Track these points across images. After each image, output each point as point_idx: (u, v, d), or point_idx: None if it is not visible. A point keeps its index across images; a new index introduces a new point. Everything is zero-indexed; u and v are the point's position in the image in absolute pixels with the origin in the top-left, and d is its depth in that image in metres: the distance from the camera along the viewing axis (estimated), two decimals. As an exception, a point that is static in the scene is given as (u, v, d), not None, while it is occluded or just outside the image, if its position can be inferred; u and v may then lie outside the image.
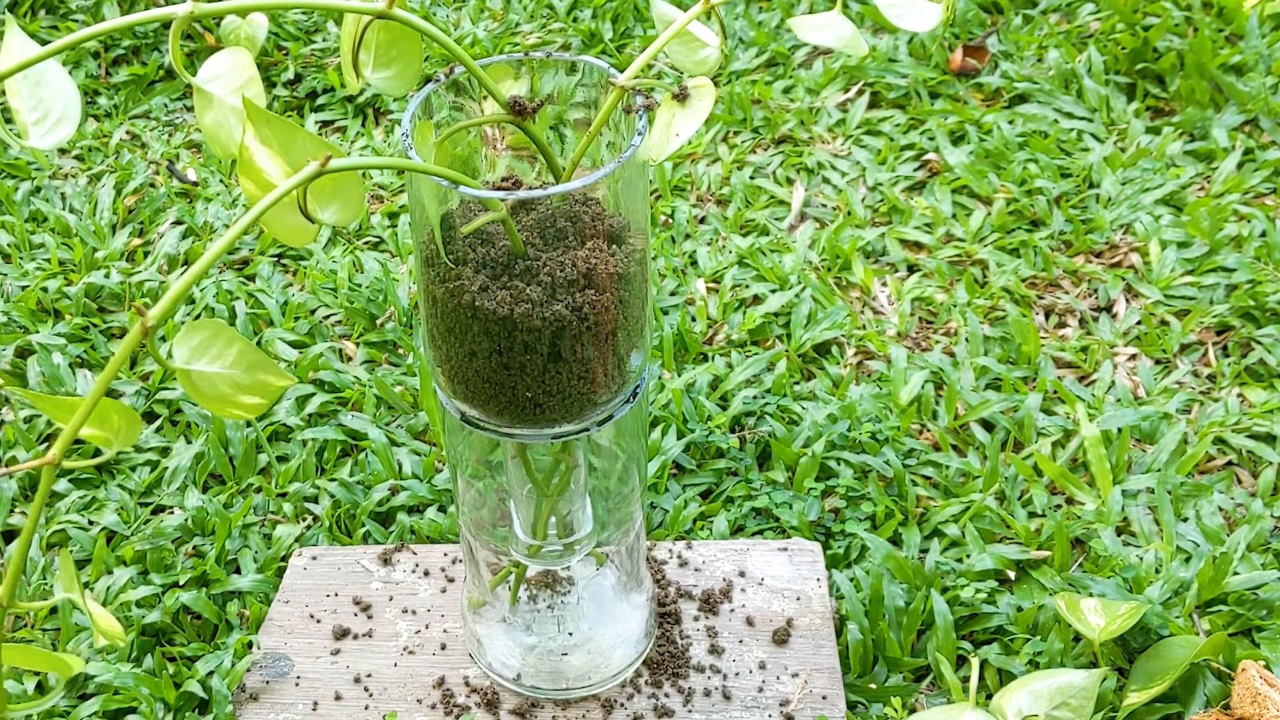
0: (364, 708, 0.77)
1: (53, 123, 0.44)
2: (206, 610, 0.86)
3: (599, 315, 0.55)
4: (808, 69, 1.46)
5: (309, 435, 0.99)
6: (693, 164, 1.33)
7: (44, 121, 0.44)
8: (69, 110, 0.44)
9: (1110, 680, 0.79)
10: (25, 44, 0.43)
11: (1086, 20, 1.49)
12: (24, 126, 0.44)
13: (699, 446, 0.98)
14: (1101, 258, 1.17)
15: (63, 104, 0.44)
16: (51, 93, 0.44)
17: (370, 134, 1.39)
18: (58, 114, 0.44)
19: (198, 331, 0.43)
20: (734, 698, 0.77)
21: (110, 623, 0.44)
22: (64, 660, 0.44)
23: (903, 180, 1.28)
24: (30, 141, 0.43)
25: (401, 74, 0.51)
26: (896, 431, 0.97)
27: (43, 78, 0.44)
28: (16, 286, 1.18)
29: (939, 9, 0.51)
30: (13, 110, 0.44)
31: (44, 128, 0.44)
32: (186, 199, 1.30)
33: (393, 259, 1.21)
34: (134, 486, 0.97)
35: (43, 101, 0.44)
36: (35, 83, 0.44)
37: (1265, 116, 1.31)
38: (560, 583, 0.74)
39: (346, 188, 0.46)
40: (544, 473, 0.65)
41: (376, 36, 0.50)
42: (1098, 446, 0.95)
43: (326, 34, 1.56)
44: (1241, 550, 0.86)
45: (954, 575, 0.86)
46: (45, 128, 0.44)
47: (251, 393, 0.44)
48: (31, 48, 0.43)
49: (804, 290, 1.12)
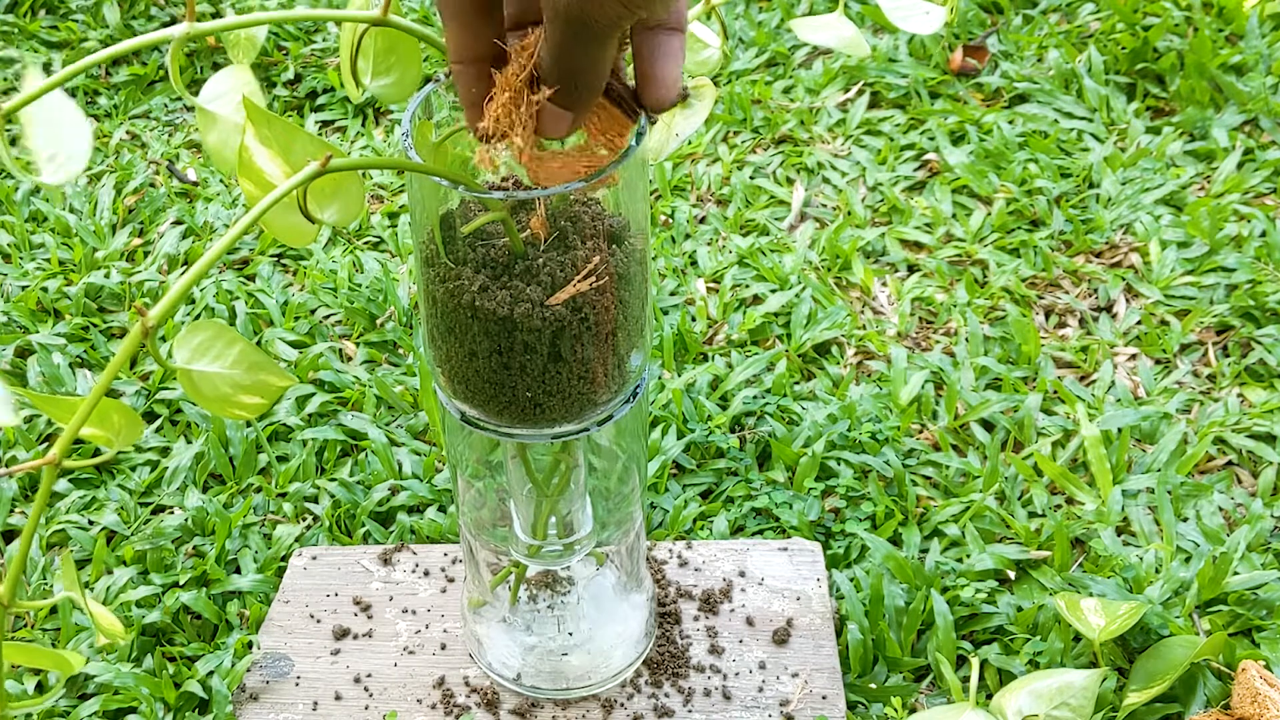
0: (364, 708, 0.77)
1: (64, 159, 0.44)
2: (206, 610, 0.86)
3: (599, 315, 0.55)
4: (808, 69, 1.46)
5: (309, 435, 0.99)
6: (693, 164, 1.33)
7: (56, 158, 0.44)
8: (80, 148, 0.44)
9: (1110, 680, 0.79)
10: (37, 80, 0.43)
11: (1086, 20, 1.49)
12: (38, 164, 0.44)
13: (699, 446, 0.98)
14: (1101, 258, 1.17)
15: (74, 141, 0.44)
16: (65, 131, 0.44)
17: (370, 134, 1.39)
18: (69, 151, 0.44)
19: (199, 332, 0.43)
20: (734, 698, 0.77)
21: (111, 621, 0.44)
22: (64, 658, 0.44)
23: (903, 180, 1.28)
24: (43, 178, 0.44)
25: (401, 80, 0.51)
26: (896, 431, 0.97)
27: (57, 117, 0.44)
28: (16, 286, 1.18)
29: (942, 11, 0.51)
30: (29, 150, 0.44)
31: (56, 164, 0.44)
32: (186, 199, 1.30)
33: (393, 259, 1.21)
34: (134, 486, 0.97)
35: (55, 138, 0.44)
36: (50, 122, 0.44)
37: (1265, 116, 1.31)
38: (560, 583, 0.74)
39: (346, 188, 0.46)
40: (544, 473, 0.65)
41: (374, 44, 0.50)
42: (1098, 446, 0.95)
43: (326, 34, 1.56)
44: (1241, 550, 0.86)
45: (954, 575, 0.86)
46: (57, 164, 0.44)
47: (252, 393, 0.44)
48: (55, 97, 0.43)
49: (804, 290, 1.13)
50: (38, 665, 0.45)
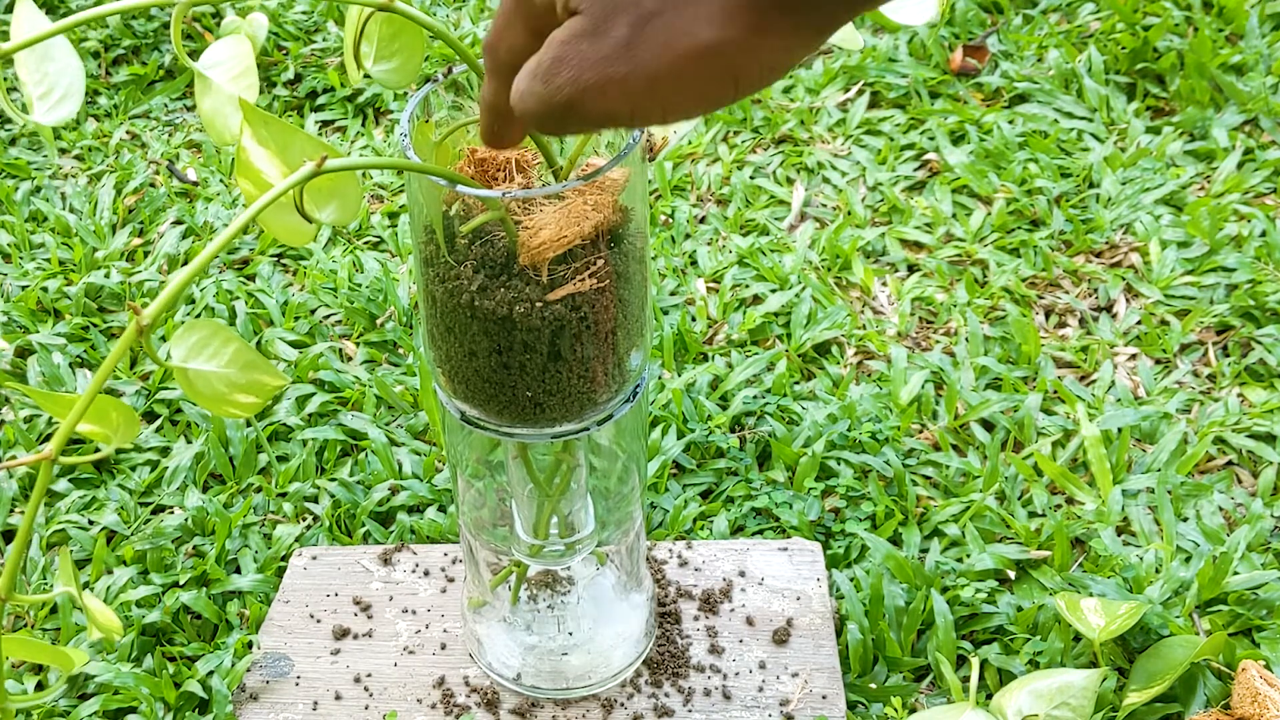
0: (364, 707, 0.77)
1: (57, 99, 0.44)
2: (206, 610, 0.86)
3: (598, 314, 0.55)
4: (808, 69, 1.46)
5: (309, 435, 0.99)
6: (693, 164, 1.33)
7: (49, 97, 0.44)
8: (73, 87, 0.44)
9: (1110, 680, 0.79)
10: (35, 17, 0.43)
11: (1086, 20, 1.49)
12: (29, 101, 0.44)
13: (699, 446, 0.98)
14: (1101, 257, 1.17)
15: (67, 80, 0.44)
16: (57, 68, 0.44)
17: (370, 134, 1.39)
18: (62, 90, 0.44)
19: (195, 331, 0.43)
20: (734, 697, 0.77)
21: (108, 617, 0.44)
22: (64, 653, 0.44)
23: (903, 180, 1.28)
24: (35, 117, 0.43)
25: (402, 67, 0.51)
26: (896, 431, 0.97)
27: (49, 52, 0.44)
28: (16, 286, 1.18)
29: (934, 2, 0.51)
30: (20, 84, 0.44)
31: (48, 103, 0.44)
32: (186, 199, 1.30)
33: (393, 259, 1.21)
34: (134, 486, 0.97)
35: (48, 76, 0.44)
36: (42, 57, 0.44)
37: (1265, 116, 1.31)
38: (560, 582, 0.74)
39: (344, 188, 0.46)
40: (545, 473, 0.65)
41: (379, 30, 0.50)
42: (1098, 446, 0.95)
43: (327, 34, 1.56)
44: (1241, 550, 0.86)
45: (954, 575, 0.86)
46: (50, 103, 0.44)
47: (247, 392, 0.44)
48: (41, 22, 0.43)
49: (804, 290, 1.12)
50: (37, 660, 0.45)
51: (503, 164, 0.54)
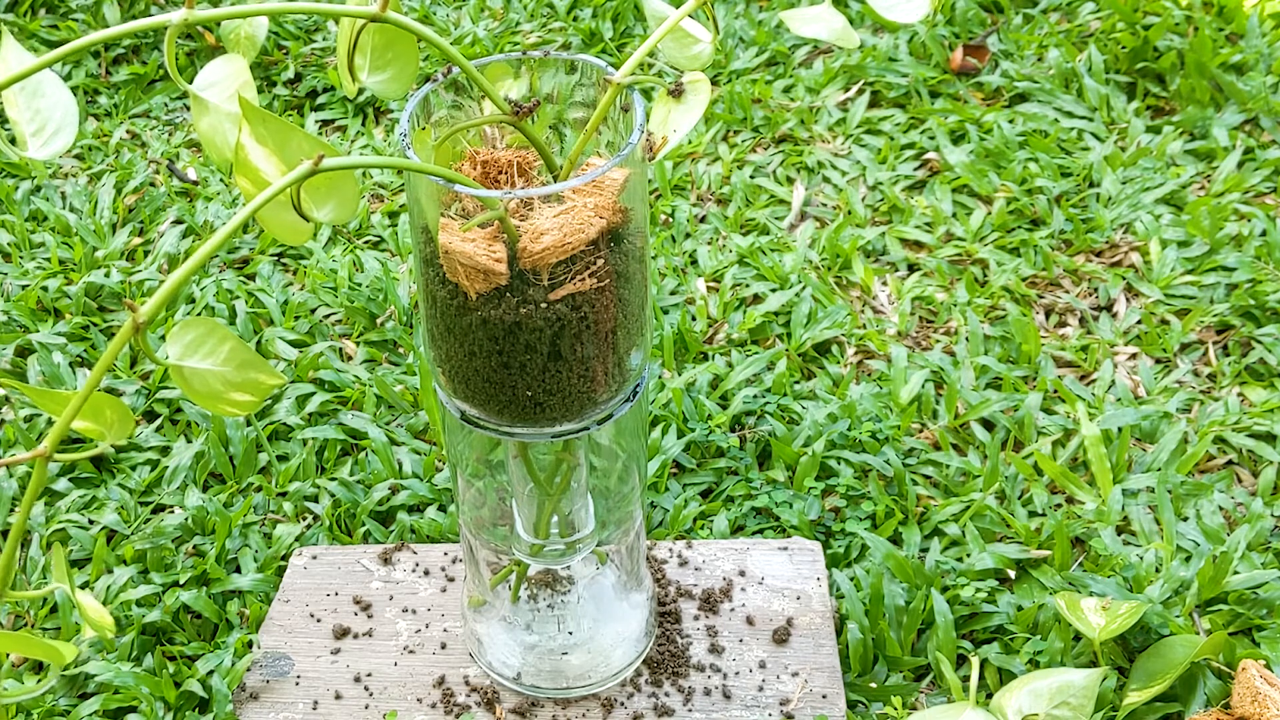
0: (364, 707, 0.77)
1: (50, 133, 0.44)
2: (207, 609, 0.86)
3: (599, 314, 0.55)
4: (808, 68, 1.46)
5: (309, 434, 0.99)
6: (693, 163, 1.33)
7: (42, 132, 0.44)
8: (66, 120, 0.44)
9: (1110, 680, 0.78)
10: (21, 55, 0.43)
11: (1087, 19, 1.49)
12: (22, 138, 0.44)
13: (699, 446, 0.98)
14: (1102, 257, 1.17)
15: (60, 114, 0.44)
16: (49, 103, 0.44)
17: (370, 133, 1.39)
18: (55, 125, 0.44)
19: (190, 329, 0.43)
20: (734, 697, 0.77)
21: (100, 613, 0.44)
22: (56, 648, 0.44)
23: (903, 179, 1.28)
24: (29, 153, 0.43)
25: (398, 77, 0.51)
26: (896, 431, 0.97)
27: (40, 88, 0.44)
28: (16, 286, 1.18)
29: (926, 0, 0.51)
30: (11, 122, 0.44)
31: (42, 138, 0.44)
32: (186, 198, 1.30)
33: (393, 258, 1.21)
34: (134, 485, 0.97)
35: (40, 112, 0.44)
36: (33, 94, 0.44)
37: (1265, 115, 1.31)
38: (560, 582, 0.74)
39: (341, 186, 0.46)
40: (546, 472, 0.65)
41: (372, 40, 0.50)
42: (1098, 446, 0.94)
43: (326, 33, 1.56)
44: (1242, 549, 0.86)
45: (954, 574, 0.86)
46: (43, 139, 0.44)
47: (243, 390, 0.44)
48: (27, 58, 0.43)
49: (804, 289, 1.12)
50: (29, 654, 0.45)
51: (505, 166, 0.54)
